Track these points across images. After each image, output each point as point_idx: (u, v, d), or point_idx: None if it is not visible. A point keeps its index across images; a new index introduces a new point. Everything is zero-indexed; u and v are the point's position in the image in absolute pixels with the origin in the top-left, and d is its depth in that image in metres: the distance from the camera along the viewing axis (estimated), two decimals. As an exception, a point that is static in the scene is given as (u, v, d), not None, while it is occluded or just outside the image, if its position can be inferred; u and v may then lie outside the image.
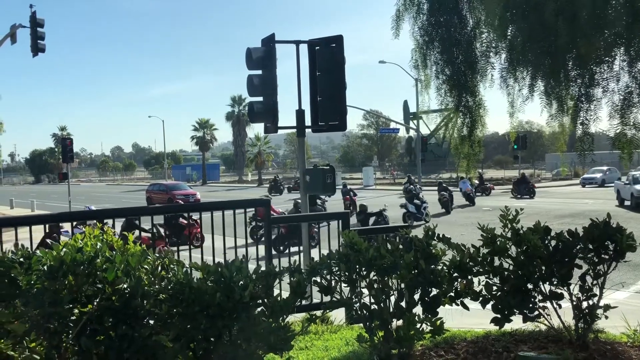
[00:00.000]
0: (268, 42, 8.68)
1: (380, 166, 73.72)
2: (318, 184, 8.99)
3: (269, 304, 3.78)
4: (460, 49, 6.09)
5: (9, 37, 22.15)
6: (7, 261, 3.32)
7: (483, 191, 36.19)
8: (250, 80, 8.66)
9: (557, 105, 5.91)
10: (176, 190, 39.17)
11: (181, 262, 3.84)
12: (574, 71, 5.63)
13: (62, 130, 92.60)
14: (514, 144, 40.69)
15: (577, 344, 4.86)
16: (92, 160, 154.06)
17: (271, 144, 74.36)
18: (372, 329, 4.53)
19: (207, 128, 75.47)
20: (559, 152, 7.06)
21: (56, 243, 3.62)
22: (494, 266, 4.81)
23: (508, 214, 4.96)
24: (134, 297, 3.44)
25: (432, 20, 6.19)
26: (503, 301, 4.77)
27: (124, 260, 3.50)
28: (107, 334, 3.45)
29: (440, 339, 5.17)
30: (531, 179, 39.56)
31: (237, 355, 3.56)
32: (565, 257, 4.76)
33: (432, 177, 57.94)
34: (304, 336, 5.68)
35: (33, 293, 3.27)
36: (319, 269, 4.57)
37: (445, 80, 6.28)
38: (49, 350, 3.40)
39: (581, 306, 4.86)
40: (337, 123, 8.89)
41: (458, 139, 6.66)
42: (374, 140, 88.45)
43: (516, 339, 5.29)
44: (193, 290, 3.51)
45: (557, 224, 17.74)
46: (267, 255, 6.90)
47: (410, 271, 4.44)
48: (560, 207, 26.04)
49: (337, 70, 8.69)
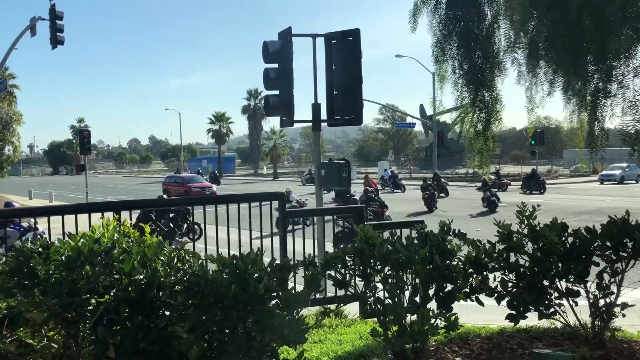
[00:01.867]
0: (285, 35, 8.68)
1: (396, 161, 73.37)
2: (333, 178, 8.99)
3: (283, 296, 3.79)
4: (478, 43, 6.04)
5: (29, 29, 22.38)
6: (27, 251, 3.36)
7: (499, 187, 35.98)
8: (266, 73, 8.67)
9: (576, 101, 5.84)
10: (192, 182, 39.36)
11: (197, 254, 3.86)
12: (592, 66, 5.56)
13: (80, 122, 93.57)
14: (532, 139, 40.29)
15: (594, 342, 4.82)
16: (109, 152, 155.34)
17: (287, 138, 74.40)
18: (386, 323, 4.52)
19: (223, 121, 75.78)
20: (577, 148, 6.99)
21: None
22: (509, 262, 4.78)
23: (525, 210, 4.92)
24: (150, 288, 3.48)
25: (450, 13, 6.14)
26: (518, 298, 4.74)
27: (140, 252, 3.53)
28: (124, 324, 3.49)
29: (455, 335, 5.15)
30: (547, 175, 39.20)
31: (252, 347, 3.58)
32: (582, 254, 4.72)
33: (448, 173, 57.65)
34: (317, 329, 5.69)
35: (51, 283, 3.31)
36: (333, 263, 4.58)
37: (462, 75, 6.23)
38: (67, 339, 3.45)
39: (598, 304, 4.81)
40: (352, 117, 8.88)
41: (473, 133, 6.62)
42: (389, 135, 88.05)
43: (531, 336, 5.26)
44: (208, 282, 3.54)
45: (574, 220, 17.53)
46: (282, 248, 6.92)
47: (425, 266, 4.43)
48: (578, 204, 25.77)
49: (353, 64, 8.66)
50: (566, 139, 66.03)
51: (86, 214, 5.95)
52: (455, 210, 23.95)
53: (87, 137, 27.01)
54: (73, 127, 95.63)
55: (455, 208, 25.33)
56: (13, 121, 33.88)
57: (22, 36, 22.81)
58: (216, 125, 75.64)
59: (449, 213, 22.30)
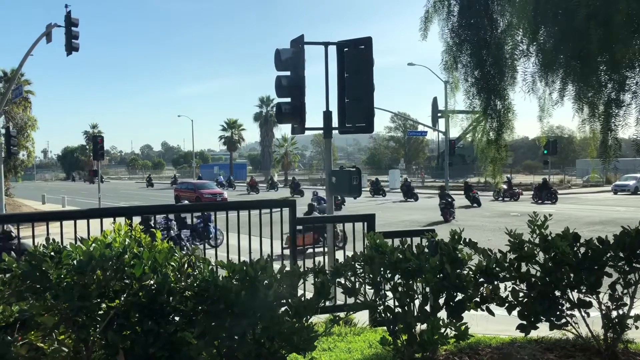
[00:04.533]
0: (297, 43, 8.72)
1: (407, 169, 73.20)
2: (344, 186, 8.99)
3: (293, 304, 3.79)
4: (490, 51, 6.03)
5: (45, 36, 22.67)
6: (39, 255, 3.40)
7: (511, 196, 35.81)
8: (278, 81, 8.71)
9: (588, 110, 5.80)
10: (204, 189, 39.58)
11: (207, 260, 3.88)
12: (605, 75, 5.53)
13: (93, 128, 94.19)
14: (544, 149, 40.15)
15: (606, 354, 4.76)
16: (122, 158, 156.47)
17: (298, 145, 74.61)
18: (395, 332, 4.50)
19: (235, 128, 76.20)
20: (590, 158, 6.94)
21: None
22: (521, 272, 4.74)
23: (536, 220, 4.89)
24: (161, 294, 3.49)
25: (462, 22, 6.14)
26: (529, 308, 4.70)
27: (151, 257, 3.55)
28: (134, 328, 3.50)
29: (465, 344, 5.11)
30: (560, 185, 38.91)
31: (261, 354, 3.58)
32: (595, 264, 4.67)
33: (460, 181, 57.38)
34: (327, 337, 5.68)
35: (63, 287, 3.34)
36: (343, 271, 4.57)
37: (474, 83, 6.22)
38: (77, 343, 3.47)
39: (611, 315, 4.76)
40: (364, 125, 8.88)
41: (485, 142, 6.59)
42: (401, 143, 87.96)
43: (542, 347, 5.21)
44: (218, 288, 3.55)
45: (587, 231, 17.40)
46: (292, 255, 6.93)
47: (436, 275, 4.41)
48: (591, 214, 25.56)
49: (365, 72, 8.68)
50: (579, 149, 65.49)
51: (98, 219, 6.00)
52: (469, 220, 23.84)
53: (100, 143, 27.24)
54: (86, 133, 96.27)
55: (468, 217, 25.20)
56: (28, 126, 34.34)
57: (37, 43, 23.10)
58: (228, 132, 76.07)
59: (461, 222, 22.20)
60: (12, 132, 26.65)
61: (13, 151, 26.39)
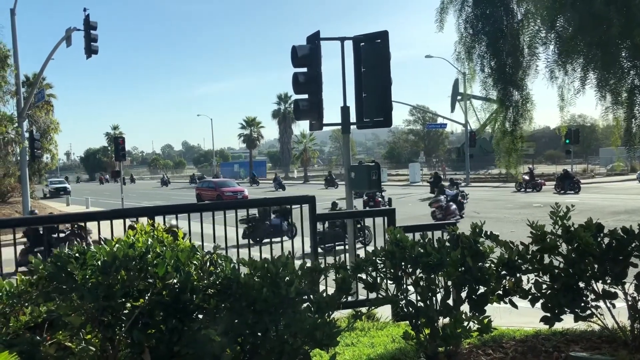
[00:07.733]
0: (313, 39, 8.72)
1: (427, 162, 72.77)
2: (363, 181, 8.97)
3: (314, 299, 3.81)
4: (506, 41, 5.97)
5: (65, 40, 22.98)
6: (64, 256, 3.46)
7: (534, 187, 35.38)
8: (295, 77, 8.72)
9: (611, 98, 5.71)
10: (225, 187, 39.79)
11: (229, 258, 3.91)
12: (627, 62, 5.43)
13: (114, 129, 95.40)
14: (566, 138, 39.46)
15: (633, 346, 4.70)
16: (143, 158, 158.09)
17: (316, 141, 74.61)
18: (418, 326, 4.50)
19: (254, 126, 76.51)
20: (614, 147, 6.83)
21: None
22: (543, 264, 4.70)
23: (558, 211, 4.83)
24: (184, 292, 3.53)
25: (478, 12, 6.09)
26: (553, 300, 4.65)
27: (173, 256, 3.59)
28: (158, 327, 3.55)
29: (488, 338, 5.09)
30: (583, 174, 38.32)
31: (284, 350, 3.60)
32: (619, 255, 4.61)
33: (481, 173, 56.85)
34: (349, 333, 5.69)
35: (88, 287, 3.39)
36: (364, 266, 4.57)
37: (490, 74, 6.17)
38: (104, 342, 3.53)
39: (637, 306, 4.68)
40: (382, 119, 8.85)
41: (500, 133, 6.52)
42: (420, 136, 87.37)
43: (567, 339, 5.16)
44: (240, 286, 3.58)
45: (612, 220, 17.12)
46: (313, 251, 6.94)
47: (457, 268, 4.39)
48: (615, 204, 25.14)
49: (382, 66, 8.65)
50: (602, 137, 64.46)
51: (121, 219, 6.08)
52: (491, 212, 23.64)
53: (121, 144, 27.56)
54: (108, 134, 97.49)
55: (489, 209, 24.98)
56: (50, 129, 34.83)
57: (58, 47, 23.43)
58: (247, 130, 76.40)
59: (482, 215, 22.02)
60: (36, 135, 27.07)
61: (37, 154, 26.81)
